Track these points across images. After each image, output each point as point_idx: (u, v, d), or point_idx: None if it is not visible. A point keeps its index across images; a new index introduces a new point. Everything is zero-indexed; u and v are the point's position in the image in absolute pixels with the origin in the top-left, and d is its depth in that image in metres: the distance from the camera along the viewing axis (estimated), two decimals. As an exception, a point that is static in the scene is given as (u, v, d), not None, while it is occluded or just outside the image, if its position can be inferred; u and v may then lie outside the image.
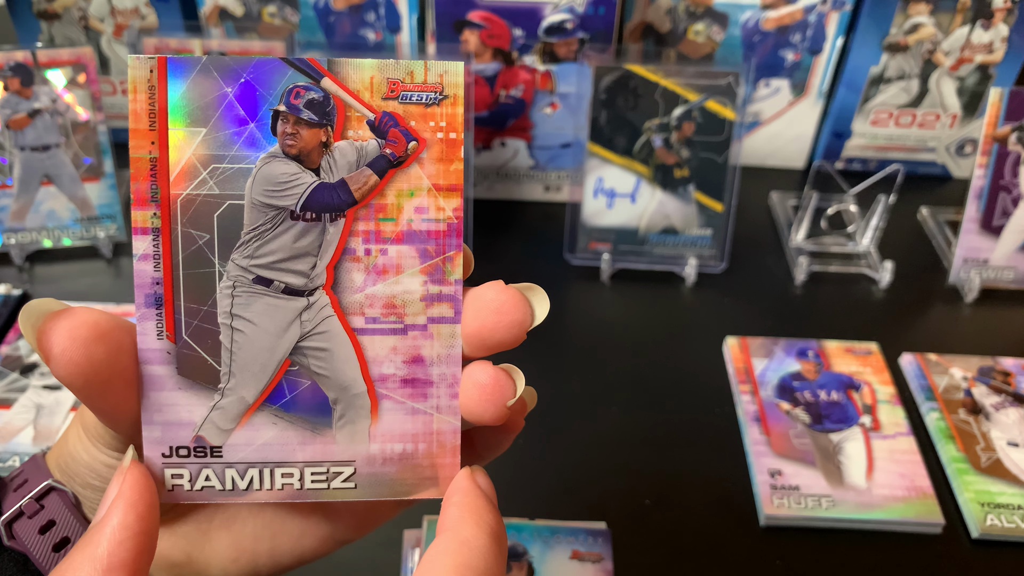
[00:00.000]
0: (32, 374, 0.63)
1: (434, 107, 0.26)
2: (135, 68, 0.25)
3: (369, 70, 0.26)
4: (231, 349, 0.27)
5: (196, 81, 0.26)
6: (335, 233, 0.27)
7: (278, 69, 0.26)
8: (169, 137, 0.26)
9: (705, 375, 0.66)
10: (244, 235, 0.26)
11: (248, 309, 0.27)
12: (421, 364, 0.27)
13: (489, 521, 0.25)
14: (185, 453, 0.27)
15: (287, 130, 0.26)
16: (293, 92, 0.26)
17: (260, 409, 0.27)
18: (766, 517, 0.55)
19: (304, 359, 0.27)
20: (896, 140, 0.88)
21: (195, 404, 0.27)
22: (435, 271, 0.27)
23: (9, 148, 0.71)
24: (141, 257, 0.26)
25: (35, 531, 0.28)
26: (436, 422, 0.28)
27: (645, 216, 0.74)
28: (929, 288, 0.76)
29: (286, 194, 0.26)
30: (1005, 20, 0.79)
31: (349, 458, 0.28)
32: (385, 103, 0.26)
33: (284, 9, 0.81)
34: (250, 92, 0.26)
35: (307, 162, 0.26)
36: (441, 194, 0.27)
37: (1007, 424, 0.61)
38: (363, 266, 0.27)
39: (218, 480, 0.27)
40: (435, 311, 0.27)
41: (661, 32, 0.83)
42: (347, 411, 0.27)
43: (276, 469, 0.27)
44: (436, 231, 0.27)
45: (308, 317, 0.27)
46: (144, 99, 0.25)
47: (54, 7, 0.82)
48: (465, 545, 0.24)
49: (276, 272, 0.27)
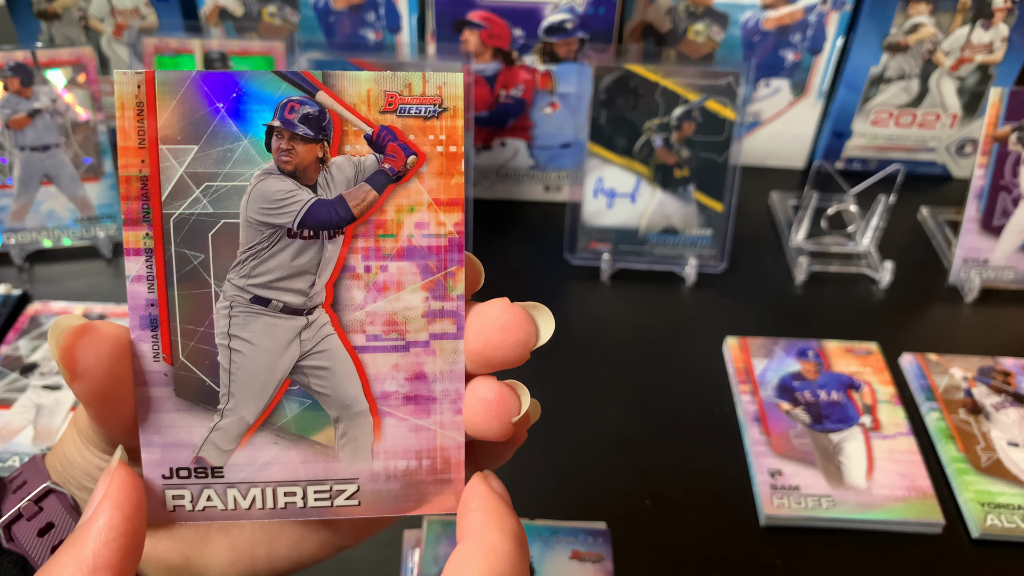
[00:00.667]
0: (32, 374, 0.63)
1: (433, 120, 0.26)
2: (122, 84, 0.24)
3: (366, 83, 0.25)
4: (230, 370, 0.26)
5: (186, 96, 0.25)
6: (334, 250, 0.26)
7: (271, 83, 0.25)
8: (160, 155, 0.25)
9: (705, 375, 0.66)
10: (240, 254, 0.26)
11: (246, 329, 0.26)
12: (424, 381, 0.27)
13: (512, 526, 0.25)
14: (186, 474, 0.26)
15: (282, 146, 0.25)
16: (288, 107, 0.25)
17: (261, 429, 0.27)
18: (766, 517, 0.55)
19: (305, 378, 0.27)
20: (896, 140, 0.88)
21: (194, 425, 0.26)
22: (437, 287, 0.27)
23: (9, 148, 0.71)
24: (134, 279, 0.25)
25: (34, 533, 0.28)
26: (440, 438, 0.27)
27: (645, 216, 0.74)
28: (929, 288, 0.76)
29: (283, 212, 0.26)
30: (1005, 20, 0.79)
31: (352, 476, 0.27)
32: (383, 117, 0.25)
33: (284, 9, 0.81)
34: (243, 107, 0.25)
35: (303, 178, 0.26)
36: (442, 209, 0.26)
37: (1007, 424, 0.61)
38: (363, 283, 0.26)
39: (220, 500, 0.27)
40: (437, 327, 0.27)
41: (661, 32, 0.83)
42: (349, 429, 0.27)
43: (279, 488, 0.27)
44: (437, 246, 0.26)
45: (308, 336, 0.27)
46: (132, 116, 0.24)
47: (54, 7, 0.82)
48: (492, 551, 0.24)
49: (274, 291, 0.26)
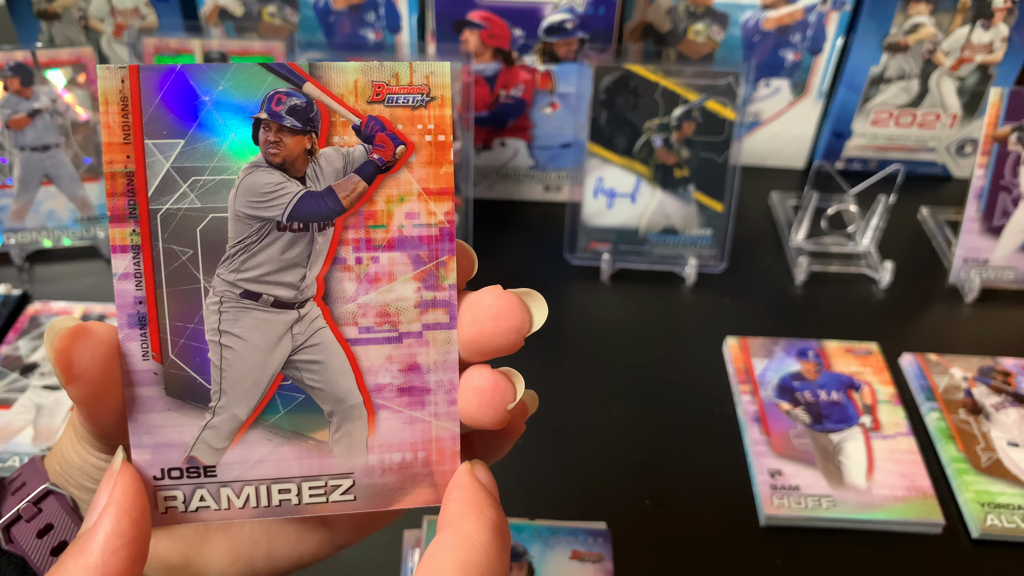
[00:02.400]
0: (32, 374, 0.63)
1: (421, 109, 0.25)
2: (105, 79, 0.24)
3: (353, 73, 0.25)
4: (221, 366, 0.26)
5: (171, 90, 0.24)
6: (324, 243, 0.26)
7: (257, 75, 0.25)
8: (145, 150, 0.24)
9: (705, 375, 0.66)
10: (229, 249, 0.25)
11: (237, 325, 0.26)
12: (417, 372, 0.27)
13: (491, 516, 0.25)
14: (177, 475, 0.26)
15: (270, 138, 0.25)
16: (274, 99, 0.25)
17: (254, 426, 0.26)
18: (766, 517, 0.55)
19: (297, 372, 0.26)
20: (896, 140, 0.88)
21: (185, 424, 0.26)
22: (428, 277, 0.26)
23: (9, 148, 0.71)
24: (122, 276, 0.25)
25: (33, 535, 0.28)
26: (435, 429, 0.27)
27: (645, 216, 0.74)
28: (929, 288, 0.76)
29: (271, 204, 0.25)
30: (1005, 20, 0.79)
31: (347, 470, 0.27)
32: (371, 107, 0.25)
33: (284, 9, 0.81)
34: (229, 100, 0.25)
35: (292, 171, 0.25)
36: (432, 198, 0.26)
37: (1007, 424, 0.61)
38: (354, 275, 0.26)
39: (213, 500, 0.26)
40: (430, 317, 0.27)
41: (661, 32, 0.83)
42: (343, 423, 0.27)
43: (273, 485, 0.27)
44: (428, 236, 0.26)
45: (299, 330, 0.26)
46: (117, 111, 0.24)
47: (54, 7, 0.82)
48: (467, 541, 0.24)
49: (264, 285, 0.26)
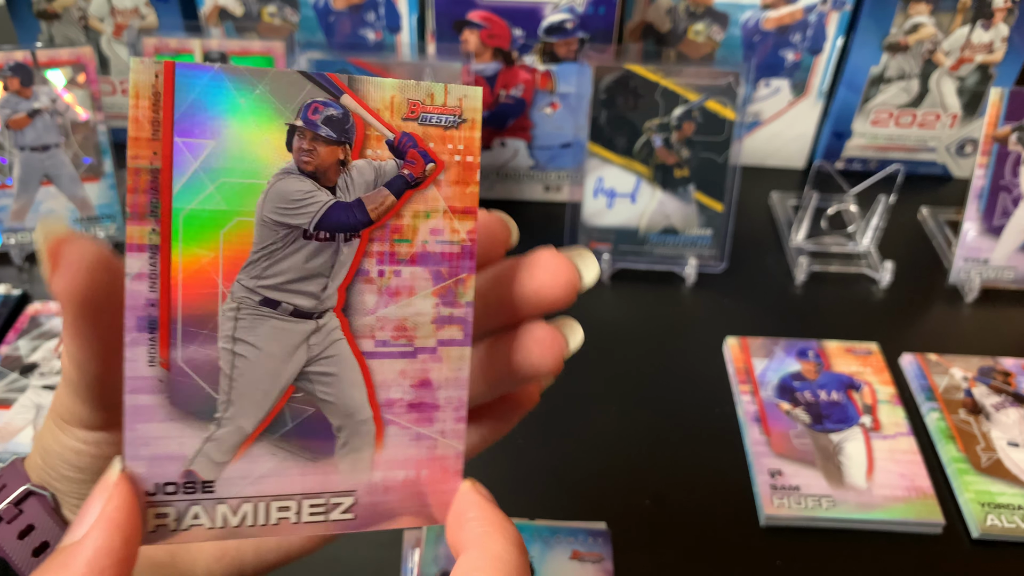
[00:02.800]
0: (32, 374, 0.63)
1: (452, 130, 0.26)
2: (139, 72, 0.23)
3: (390, 90, 0.25)
4: (231, 375, 0.25)
5: (206, 90, 0.24)
6: (349, 254, 0.26)
7: (296, 83, 0.25)
8: (174, 147, 0.24)
9: (705, 375, 0.66)
10: (252, 254, 0.25)
11: (252, 332, 0.25)
12: (429, 388, 0.27)
13: (513, 533, 0.25)
14: (172, 490, 0.25)
15: (303, 146, 0.25)
16: (311, 107, 0.25)
17: (259, 439, 0.26)
18: (766, 517, 0.55)
19: (310, 384, 0.26)
20: (896, 140, 0.88)
21: (187, 436, 0.25)
22: (447, 293, 0.26)
23: (9, 148, 0.71)
24: (135, 277, 0.24)
25: (14, 536, 0.28)
26: (440, 447, 0.27)
27: (645, 216, 0.74)
28: (929, 288, 0.76)
29: (300, 212, 0.25)
30: (1005, 20, 0.79)
31: (350, 488, 0.27)
32: (405, 123, 0.25)
33: (284, 9, 0.81)
34: (265, 105, 0.25)
35: (323, 180, 0.25)
36: (456, 216, 0.26)
37: (1007, 424, 0.61)
38: (376, 288, 0.26)
39: (208, 518, 0.25)
40: (445, 334, 0.27)
41: (661, 32, 0.83)
42: (351, 438, 0.26)
43: (272, 503, 0.26)
44: (450, 253, 0.26)
45: (316, 340, 0.26)
46: (147, 106, 0.24)
47: (54, 7, 0.82)
48: (499, 560, 0.24)
49: (285, 293, 0.25)
